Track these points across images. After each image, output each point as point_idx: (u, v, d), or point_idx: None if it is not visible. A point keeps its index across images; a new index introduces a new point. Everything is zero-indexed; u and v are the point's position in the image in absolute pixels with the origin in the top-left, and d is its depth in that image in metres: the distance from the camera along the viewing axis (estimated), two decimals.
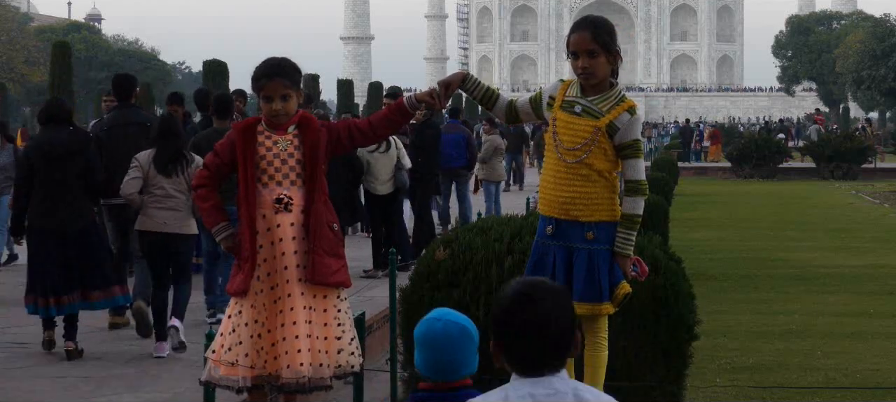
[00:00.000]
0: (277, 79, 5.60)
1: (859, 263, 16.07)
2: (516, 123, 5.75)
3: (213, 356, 5.62)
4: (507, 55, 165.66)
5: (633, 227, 5.17)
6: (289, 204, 5.55)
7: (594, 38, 5.14)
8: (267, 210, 5.56)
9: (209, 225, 5.75)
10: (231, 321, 5.62)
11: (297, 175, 5.57)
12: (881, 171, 40.95)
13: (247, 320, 5.58)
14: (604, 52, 5.14)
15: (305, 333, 5.54)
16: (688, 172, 39.78)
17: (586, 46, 5.12)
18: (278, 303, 5.57)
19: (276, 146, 5.60)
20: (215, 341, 5.67)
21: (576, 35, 5.16)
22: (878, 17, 77.51)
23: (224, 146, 5.66)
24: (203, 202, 5.68)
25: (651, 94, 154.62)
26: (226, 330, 5.63)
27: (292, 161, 5.58)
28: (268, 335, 5.57)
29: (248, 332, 5.57)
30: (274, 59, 5.70)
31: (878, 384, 8.36)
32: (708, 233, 20.25)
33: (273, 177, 5.58)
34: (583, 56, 5.13)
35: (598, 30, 5.17)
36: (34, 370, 8.02)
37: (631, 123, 5.16)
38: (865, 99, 77.17)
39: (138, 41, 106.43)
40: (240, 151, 5.58)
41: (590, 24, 5.20)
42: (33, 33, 77.80)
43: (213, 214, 5.67)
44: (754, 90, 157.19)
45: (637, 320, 5.82)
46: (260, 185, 5.57)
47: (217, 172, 5.68)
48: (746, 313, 11.63)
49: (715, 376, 8.55)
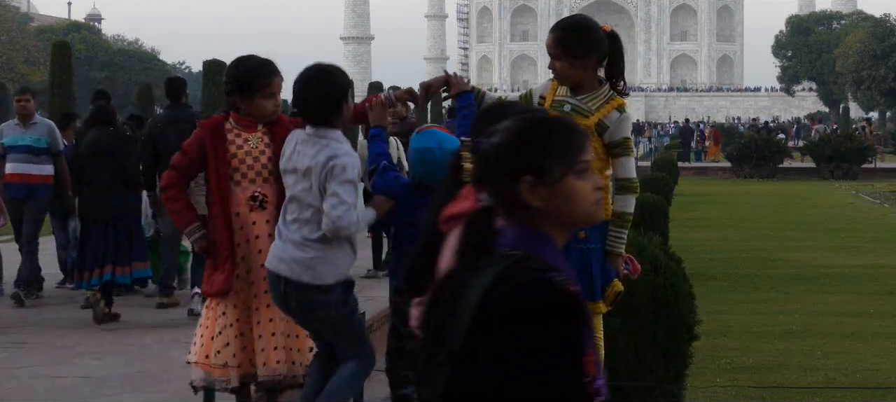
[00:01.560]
0: (276, 77, 5.61)
1: (859, 263, 16.07)
2: None
3: (205, 361, 5.63)
4: (507, 55, 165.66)
5: (625, 225, 5.16)
6: (264, 201, 5.57)
7: (556, 42, 5.15)
8: (241, 208, 5.57)
9: (182, 226, 5.73)
10: (217, 324, 5.62)
11: (269, 173, 5.58)
12: (881, 171, 40.97)
13: (231, 321, 5.61)
14: (566, 56, 5.13)
15: (282, 331, 5.58)
16: (688, 172, 39.79)
17: (549, 49, 5.17)
18: (255, 300, 5.60)
19: (248, 144, 5.60)
20: (197, 343, 5.68)
21: (549, 37, 5.20)
22: (878, 17, 77.58)
23: (192, 145, 5.62)
24: (173, 204, 5.63)
25: (651, 94, 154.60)
26: (212, 333, 5.64)
27: (264, 158, 5.59)
28: (250, 332, 5.61)
29: (234, 332, 5.60)
30: (258, 57, 5.66)
31: (878, 384, 8.36)
32: (708, 233, 20.25)
33: (245, 175, 5.59)
34: (553, 59, 5.17)
35: (563, 32, 5.18)
36: (34, 370, 8.02)
37: (620, 121, 5.15)
38: (865, 99, 77.19)
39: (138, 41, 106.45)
40: (211, 150, 5.56)
41: (557, 27, 5.24)
42: (33, 33, 77.80)
43: (184, 214, 5.65)
44: (754, 90, 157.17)
45: (637, 320, 5.82)
46: (232, 183, 5.58)
47: (186, 171, 5.66)
48: (746, 313, 11.63)
49: (715, 376, 8.54)
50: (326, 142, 5.10)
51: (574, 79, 5.17)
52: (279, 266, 5.12)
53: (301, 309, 5.18)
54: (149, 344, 8.85)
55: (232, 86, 5.63)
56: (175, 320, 9.96)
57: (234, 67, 5.67)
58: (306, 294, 5.10)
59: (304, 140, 5.16)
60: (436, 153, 5.19)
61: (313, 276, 5.08)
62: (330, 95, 5.12)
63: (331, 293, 5.13)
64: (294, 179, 5.15)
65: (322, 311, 5.15)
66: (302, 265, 5.08)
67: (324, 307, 5.13)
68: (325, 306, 5.13)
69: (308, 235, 5.09)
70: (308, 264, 5.08)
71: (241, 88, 5.60)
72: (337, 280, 5.14)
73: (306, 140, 5.16)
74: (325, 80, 5.15)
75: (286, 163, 5.21)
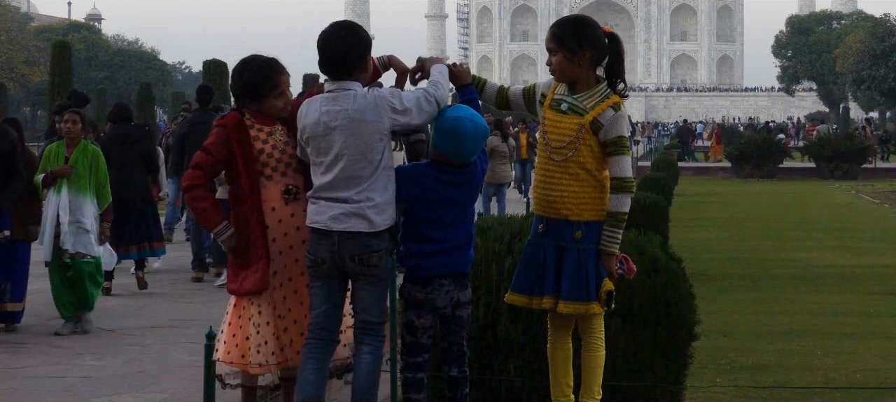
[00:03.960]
0: (283, 76, 5.60)
1: (859, 263, 16.05)
2: (507, 109, 5.78)
3: (241, 362, 5.56)
4: (507, 55, 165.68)
5: (619, 224, 5.14)
6: (297, 193, 5.53)
7: (552, 37, 5.20)
8: (277, 203, 5.51)
9: (209, 226, 5.62)
10: (251, 324, 5.53)
11: (298, 163, 5.55)
12: (881, 171, 40.96)
13: (268, 319, 5.53)
14: (562, 50, 5.15)
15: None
16: (688, 172, 39.77)
17: (547, 45, 5.21)
18: (298, 294, 5.54)
19: (272, 138, 5.56)
20: (227, 343, 5.58)
21: (548, 34, 5.24)
22: (878, 17, 77.50)
23: (215, 144, 5.52)
24: (200, 203, 5.55)
25: (651, 94, 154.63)
26: (246, 333, 5.55)
27: (289, 149, 5.56)
28: (294, 325, 5.55)
29: (271, 329, 5.53)
30: (262, 58, 5.63)
31: (878, 384, 8.35)
32: (708, 233, 20.23)
33: (276, 168, 5.53)
34: (550, 54, 5.21)
35: (558, 28, 5.23)
36: (34, 370, 8.02)
37: (615, 120, 5.13)
38: (865, 99, 77.18)
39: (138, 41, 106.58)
40: (237, 147, 5.50)
41: (556, 23, 5.28)
42: (33, 33, 77.87)
43: (211, 214, 5.56)
44: (754, 90, 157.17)
45: (637, 320, 5.81)
46: (263, 178, 5.54)
47: (211, 170, 5.59)
48: (746, 313, 11.62)
49: (715, 376, 8.54)
50: (353, 92, 5.18)
51: (570, 74, 5.18)
52: (330, 224, 5.16)
53: (357, 262, 5.19)
54: (149, 344, 8.86)
55: (240, 91, 5.60)
56: (175, 320, 9.97)
57: (238, 73, 5.60)
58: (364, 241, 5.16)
59: (332, 98, 5.19)
60: (460, 125, 5.15)
61: (368, 224, 5.15)
62: (352, 49, 5.19)
63: (382, 240, 5.21)
64: (330, 142, 5.16)
65: (376, 255, 5.19)
66: (355, 216, 5.14)
67: (377, 251, 5.19)
68: (378, 250, 5.19)
69: (358, 190, 5.15)
70: (362, 215, 5.15)
71: (250, 93, 5.57)
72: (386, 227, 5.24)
73: (333, 98, 5.19)
74: (348, 35, 5.23)
75: (314, 128, 5.19)
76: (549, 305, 5.17)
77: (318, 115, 5.20)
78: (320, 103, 5.22)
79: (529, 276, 5.20)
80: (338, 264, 5.23)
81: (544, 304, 5.18)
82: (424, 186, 5.19)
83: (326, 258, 5.21)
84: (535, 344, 5.67)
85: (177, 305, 10.85)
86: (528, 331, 5.74)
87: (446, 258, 5.19)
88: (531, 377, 5.73)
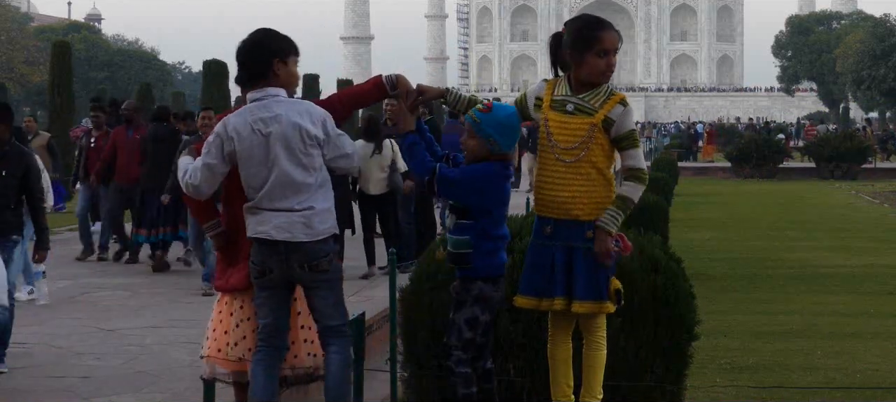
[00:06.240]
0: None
1: (859, 263, 16.06)
2: None
3: (218, 355, 5.60)
4: (506, 55, 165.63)
5: (623, 208, 5.12)
6: None
7: (618, 37, 5.22)
8: None
9: (203, 222, 5.72)
10: (233, 319, 5.59)
11: None
12: (881, 171, 40.97)
13: (249, 315, 5.56)
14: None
15: (309, 324, 5.57)
16: (688, 172, 39.77)
17: (615, 45, 5.17)
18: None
19: None
20: (209, 337, 5.66)
21: (609, 33, 5.17)
22: (878, 17, 77.51)
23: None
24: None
25: (651, 94, 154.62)
26: (226, 328, 5.61)
27: None
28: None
29: (252, 326, 5.55)
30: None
31: (878, 384, 8.35)
32: (708, 233, 20.24)
33: None
34: (612, 54, 5.17)
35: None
36: (34, 370, 8.02)
37: (624, 115, 5.15)
38: (865, 99, 77.15)
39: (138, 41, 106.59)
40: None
41: (611, 24, 5.27)
42: (33, 33, 77.80)
43: (205, 211, 5.65)
44: (754, 90, 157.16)
45: (637, 320, 5.81)
46: None
47: None
48: (746, 313, 11.62)
49: (715, 376, 8.54)
50: (281, 97, 5.27)
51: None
52: (273, 233, 5.24)
53: (306, 269, 5.27)
54: (149, 344, 8.86)
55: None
56: (175, 320, 9.97)
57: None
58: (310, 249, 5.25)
59: (261, 106, 5.26)
60: (514, 119, 5.28)
61: (312, 233, 5.25)
62: (261, 51, 5.27)
63: (329, 244, 5.31)
64: (265, 153, 5.23)
65: (325, 261, 5.27)
66: (299, 225, 5.23)
67: (325, 256, 5.28)
68: (327, 255, 5.28)
69: (301, 198, 5.24)
70: (306, 223, 5.24)
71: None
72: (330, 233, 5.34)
73: (262, 105, 5.25)
74: (254, 40, 5.33)
75: (249, 138, 5.24)
76: (561, 306, 5.17)
77: (249, 124, 5.25)
78: (248, 113, 5.27)
79: (538, 278, 5.21)
80: (286, 274, 5.30)
81: (555, 305, 5.18)
82: (500, 186, 5.28)
83: (274, 268, 5.29)
84: (535, 344, 5.67)
85: (177, 305, 10.85)
86: (528, 331, 5.74)
87: (504, 256, 5.33)
88: (531, 377, 5.73)
